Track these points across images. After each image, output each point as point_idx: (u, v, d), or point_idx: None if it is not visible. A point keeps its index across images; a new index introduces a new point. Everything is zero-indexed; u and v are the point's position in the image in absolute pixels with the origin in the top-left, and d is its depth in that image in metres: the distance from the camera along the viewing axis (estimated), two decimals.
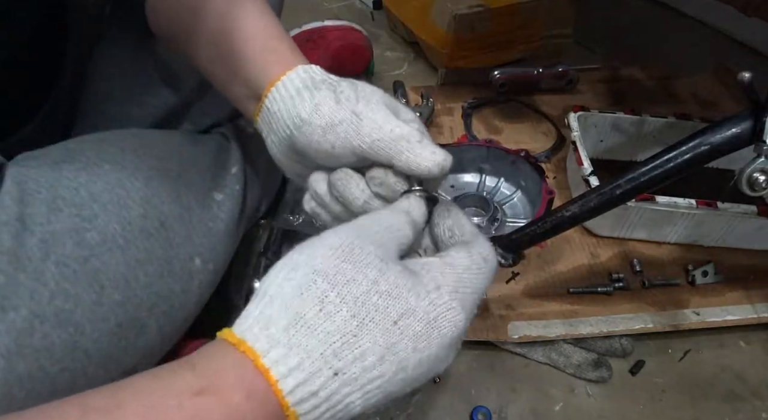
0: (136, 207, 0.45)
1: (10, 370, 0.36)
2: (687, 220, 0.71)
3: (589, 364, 0.63)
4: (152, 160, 0.51)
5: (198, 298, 0.51)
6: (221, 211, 0.56)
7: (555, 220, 0.56)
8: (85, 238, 0.42)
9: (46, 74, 0.57)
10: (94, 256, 0.41)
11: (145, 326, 0.44)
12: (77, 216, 0.42)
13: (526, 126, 0.95)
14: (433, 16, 0.99)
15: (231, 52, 0.46)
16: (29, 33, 0.52)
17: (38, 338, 0.38)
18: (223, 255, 0.55)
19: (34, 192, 0.42)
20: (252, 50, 0.45)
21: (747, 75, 0.43)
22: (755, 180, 0.45)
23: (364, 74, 1.00)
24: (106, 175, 0.46)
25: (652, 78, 1.05)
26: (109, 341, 0.42)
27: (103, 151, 0.48)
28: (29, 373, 0.37)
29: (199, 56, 0.49)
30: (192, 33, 0.49)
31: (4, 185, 0.41)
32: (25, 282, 0.38)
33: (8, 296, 0.37)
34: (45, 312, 0.38)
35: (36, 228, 0.40)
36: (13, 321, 0.37)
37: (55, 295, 0.39)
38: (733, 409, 0.62)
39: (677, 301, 0.68)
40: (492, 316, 0.65)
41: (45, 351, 0.38)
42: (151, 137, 0.55)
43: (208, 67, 0.49)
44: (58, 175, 0.44)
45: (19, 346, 0.37)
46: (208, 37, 0.47)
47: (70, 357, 0.39)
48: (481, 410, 0.59)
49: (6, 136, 0.53)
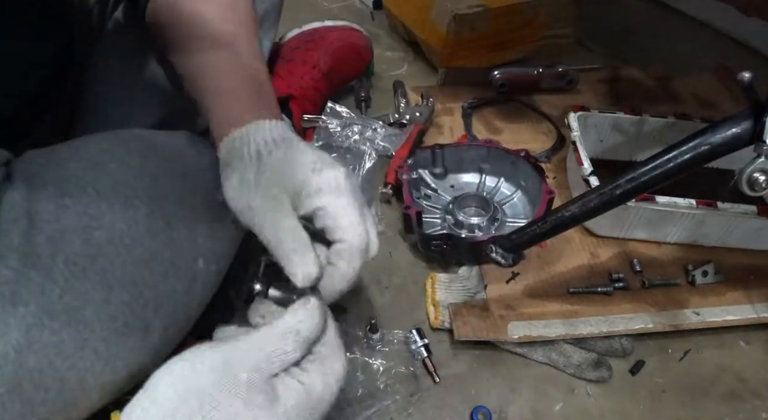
0: (142, 206, 0.45)
1: (20, 364, 0.36)
2: (687, 220, 0.71)
3: (589, 364, 0.63)
4: (157, 160, 0.51)
5: (201, 300, 0.51)
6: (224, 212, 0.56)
7: (555, 220, 0.56)
8: (92, 236, 0.42)
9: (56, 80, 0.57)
10: (101, 255, 0.41)
11: (150, 326, 0.44)
12: (84, 214, 0.42)
13: (526, 126, 0.95)
14: (433, 16, 0.99)
15: (200, 93, 0.50)
16: (52, 56, 0.54)
17: (48, 334, 0.38)
18: (226, 256, 0.55)
19: (42, 189, 0.42)
20: (215, 105, 0.48)
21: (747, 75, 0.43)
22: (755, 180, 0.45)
23: (364, 74, 1.00)
24: (113, 174, 0.46)
25: (652, 78, 1.05)
26: (116, 341, 0.42)
27: (109, 150, 0.48)
28: (39, 369, 0.37)
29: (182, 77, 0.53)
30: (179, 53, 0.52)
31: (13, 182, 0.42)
32: (35, 278, 0.38)
33: (18, 292, 0.37)
34: (55, 308, 0.38)
35: (44, 225, 0.40)
36: (23, 316, 0.37)
37: (64, 292, 0.39)
38: (733, 409, 0.62)
39: (677, 301, 0.69)
40: (492, 316, 0.65)
41: (54, 347, 0.38)
42: (156, 138, 0.55)
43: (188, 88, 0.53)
44: (64, 172, 0.44)
45: (29, 341, 0.37)
46: (187, 68, 0.51)
47: (79, 354, 0.39)
48: (481, 410, 0.59)
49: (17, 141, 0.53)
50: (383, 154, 0.85)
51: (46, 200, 0.41)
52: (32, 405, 0.37)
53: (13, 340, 0.36)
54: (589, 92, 1.01)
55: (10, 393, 0.36)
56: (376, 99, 1.00)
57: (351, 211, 0.44)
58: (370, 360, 0.63)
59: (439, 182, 0.82)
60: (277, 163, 0.44)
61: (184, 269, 0.48)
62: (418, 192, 0.79)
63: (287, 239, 0.41)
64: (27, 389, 0.37)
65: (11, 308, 0.37)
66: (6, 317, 0.37)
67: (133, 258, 0.43)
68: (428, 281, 0.71)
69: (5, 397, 0.35)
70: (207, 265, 0.51)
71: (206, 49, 0.50)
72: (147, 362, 0.46)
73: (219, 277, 0.55)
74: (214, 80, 0.49)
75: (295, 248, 0.41)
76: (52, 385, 0.38)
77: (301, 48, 0.92)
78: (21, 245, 0.38)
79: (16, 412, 0.36)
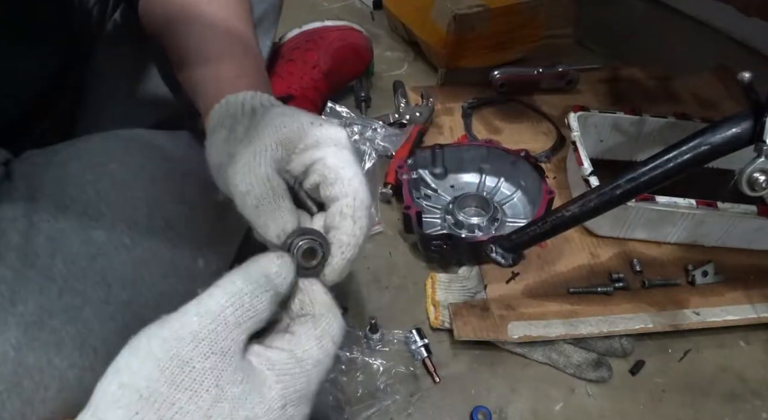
0: (141, 206, 0.45)
1: (20, 361, 0.36)
2: (687, 220, 0.71)
3: (589, 364, 0.63)
4: (157, 160, 0.51)
5: None
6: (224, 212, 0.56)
7: (555, 220, 0.56)
8: (91, 236, 0.42)
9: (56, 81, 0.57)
10: (101, 255, 0.42)
11: None
12: (84, 214, 0.42)
13: (526, 126, 0.95)
14: (433, 16, 0.99)
15: (191, 74, 0.46)
16: (54, 60, 0.54)
17: (47, 332, 0.38)
18: (226, 256, 0.55)
19: (41, 189, 0.42)
20: (203, 82, 0.45)
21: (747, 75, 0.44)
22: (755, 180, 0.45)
23: (364, 74, 1.00)
24: (113, 174, 0.46)
25: (652, 78, 1.05)
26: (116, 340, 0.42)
27: (109, 150, 0.48)
28: (39, 367, 0.37)
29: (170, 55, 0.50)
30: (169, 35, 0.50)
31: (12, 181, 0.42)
32: (34, 277, 0.38)
33: (17, 290, 0.37)
34: (54, 307, 0.38)
35: (43, 225, 0.40)
36: (22, 314, 0.37)
37: (63, 291, 0.39)
38: (733, 409, 0.62)
39: (677, 301, 0.68)
40: (492, 316, 0.65)
41: (54, 346, 0.38)
42: (156, 137, 0.55)
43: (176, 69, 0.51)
44: (64, 172, 0.44)
45: (29, 339, 0.37)
46: (180, 48, 0.48)
47: (78, 353, 0.39)
48: (481, 410, 0.59)
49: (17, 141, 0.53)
50: (383, 154, 0.85)
51: (46, 200, 0.41)
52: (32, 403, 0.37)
53: (13, 338, 0.36)
54: (589, 92, 1.01)
55: (10, 391, 0.36)
56: (376, 99, 1.00)
57: (354, 164, 0.36)
58: (370, 360, 0.63)
59: (439, 182, 0.82)
60: (272, 116, 0.37)
61: (183, 269, 0.48)
62: (418, 192, 0.79)
63: (258, 185, 0.34)
64: (27, 387, 0.37)
65: (10, 307, 0.37)
66: (5, 316, 0.37)
67: (133, 258, 0.43)
68: (428, 281, 0.71)
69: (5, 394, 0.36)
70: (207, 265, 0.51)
71: (200, 30, 0.47)
72: None
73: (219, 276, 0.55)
74: (205, 51, 0.45)
75: (264, 195, 0.34)
76: (51, 383, 0.38)
77: (301, 48, 0.92)
78: (20, 245, 0.39)
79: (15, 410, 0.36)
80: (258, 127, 0.36)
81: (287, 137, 0.36)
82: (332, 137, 0.36)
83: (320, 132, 0.36)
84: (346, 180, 0.35)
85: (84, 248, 0.41)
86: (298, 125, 0.36)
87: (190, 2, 0.49)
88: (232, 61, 0.45)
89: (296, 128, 0.36)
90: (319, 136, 0.36)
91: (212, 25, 0.47)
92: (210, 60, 0.45)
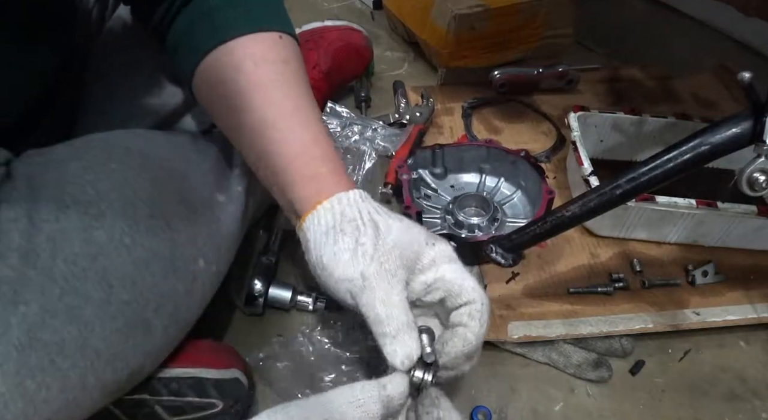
0: (142, 206, 0.45)
1: (22, 362, 0.37)
2: (687, 220, 0.71)
3: (589, 364, 0.63)
4: (157, 160, 0.51)
5: (201, 300, 0.51)
6: (224, 212, 0.56)
7: (555, 220, 0.56)
8: (92, 236, 0.42)
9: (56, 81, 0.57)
10: (101, 255, 0.42)
11: (151, 326, 0.45)
12: (85, 214, 0.42)
13: (526, 126, 0.95)
14: (433, 16, 0.99)
15: (272, 167, 0.47)
16: (54, 60, 0.54)
17: (49, 333, 0.38)
18: (226, 257, 0.55)
19: (42, 189, 0.42)
20: (292, 173, 0.46)
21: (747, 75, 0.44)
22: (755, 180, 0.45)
23: (364, 74, 1.00)
24: (113, 174, 0.46)
25: (652, 78, 1.05)
26: (117, 340, 0.42)
27: (109, 150, 0.48)
28: (41, 367, 0.37)
29: (243, 152, 0.51)
30: (233, 130, 0.51)
31: (13, 182, 0.42)
32: (35, 278, 0.38)
33: (19, 291, 0.37)
34: (56, 308, 0.39)
35: (44, 225, 0.40)
36: (24, 315, 0.37)
37: (65, 292, 0.39)
38: (733, 409, 0.62)
39: (677, 301, 0.68)
40: (492, 316, 0.65)
41: (56, 346, 0.38)
42: (156, 138, 0.55)
43: (252, 166, 0.51)
44: (64, 172, 0.44)
45: (30, 339, 0.37)
46: (251, 141, 0.48)
47: (80, 353, 0.39)
48: (481, 410, 0.59)
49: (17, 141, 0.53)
50: (383, 154, 0.85)
51: (46, 200, 0.41)
52: (34, 403, 0.37)
53: (15, 338, 0.36)
54: (589, 92, 1.01)
55: (12, 391, 0.36)
56: (376, 99, 1.01)
57: (469, 275, 0.44)
58: None
59: (439, 182, 0.82)
60: (396, 236, 0.43)
61: (184, 269, 0.48)
62: (418, 192, 0.79)
63: (399, 315, 0.40)
64: (29, 388, 0.37)
65: (12, 307, 0.37)
66: (7, 316, 0.37)
67: (134, 258, 0.43)
68: None
69: (7, 395, 0.36)
70: (207, 265, 0.51)
71: (265, 118, 0.47)
72: (147, 362, 0.46)
73: (219, 277, 0.55)
74: (286, 150, 0.47)
75: (401, 326, 0.39)
76: (53, 383, 0.38)
77: (301, 48, 0.92)
78: (21, 245, 0.39)
79: (18, 410, 0.36)
80: (386, 248, 0.42)
81: (410, 260, 0.43)
82: (446, 255, 0.44)
83: (434, 252, 0.44)
84: (470, 289, 0.43)
85: (85, 248, 0.41)
86: (417, 246, 0.43)
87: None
88: (316, 147, 0.47)
89: (416, 249, 0.43)
90: (434, 255, 0.43)
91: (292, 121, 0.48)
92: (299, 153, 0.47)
